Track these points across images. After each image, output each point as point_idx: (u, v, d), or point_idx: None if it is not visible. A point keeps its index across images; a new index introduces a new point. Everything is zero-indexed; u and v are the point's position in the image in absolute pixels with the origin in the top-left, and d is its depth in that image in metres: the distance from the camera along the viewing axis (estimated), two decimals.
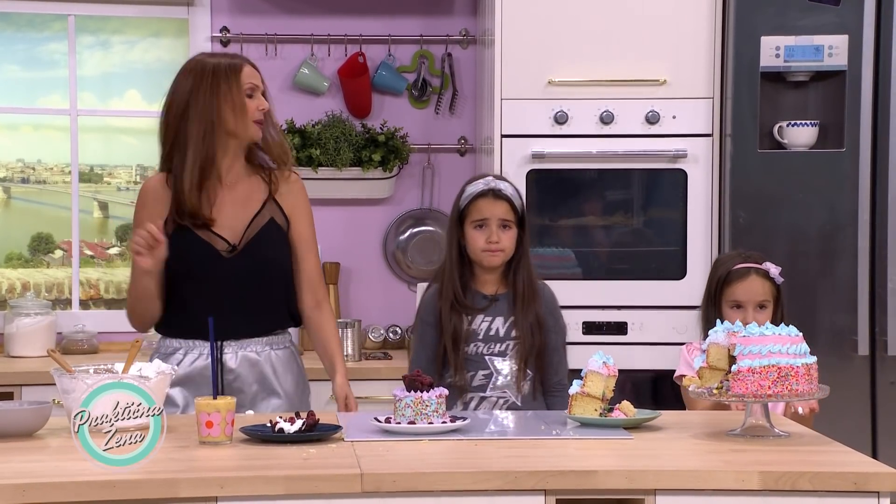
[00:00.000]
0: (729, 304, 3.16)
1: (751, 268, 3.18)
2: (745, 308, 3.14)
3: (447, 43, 4.52)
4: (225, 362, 2.98)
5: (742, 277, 3.17)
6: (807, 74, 3.98)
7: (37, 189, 4.67)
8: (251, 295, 2.98)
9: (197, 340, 2.99)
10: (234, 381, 2.98)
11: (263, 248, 2.99)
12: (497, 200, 3.13)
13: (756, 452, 2.45)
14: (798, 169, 3.96)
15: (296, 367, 3.10)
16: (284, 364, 3.05)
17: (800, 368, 2.54)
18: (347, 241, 4.53)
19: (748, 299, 3.14)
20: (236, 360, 2.99)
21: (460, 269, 3.15)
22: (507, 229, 3.13)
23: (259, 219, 3.01)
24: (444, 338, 3.11)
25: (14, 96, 4.58)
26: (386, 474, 2.24)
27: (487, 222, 3.12)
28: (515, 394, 3.11)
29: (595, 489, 2.27)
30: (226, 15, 4.47)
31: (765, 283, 3.16)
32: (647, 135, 4.01)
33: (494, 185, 3.15)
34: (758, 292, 3.15)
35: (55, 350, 2.82)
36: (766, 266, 3.18)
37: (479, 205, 3.14)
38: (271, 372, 3.02)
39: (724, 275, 3.19)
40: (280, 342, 3.06)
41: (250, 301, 2.98)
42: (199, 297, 2.96)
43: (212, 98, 2.96)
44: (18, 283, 4.58)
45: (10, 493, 2.15)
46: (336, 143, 4.34)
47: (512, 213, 3.13)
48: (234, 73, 2.98)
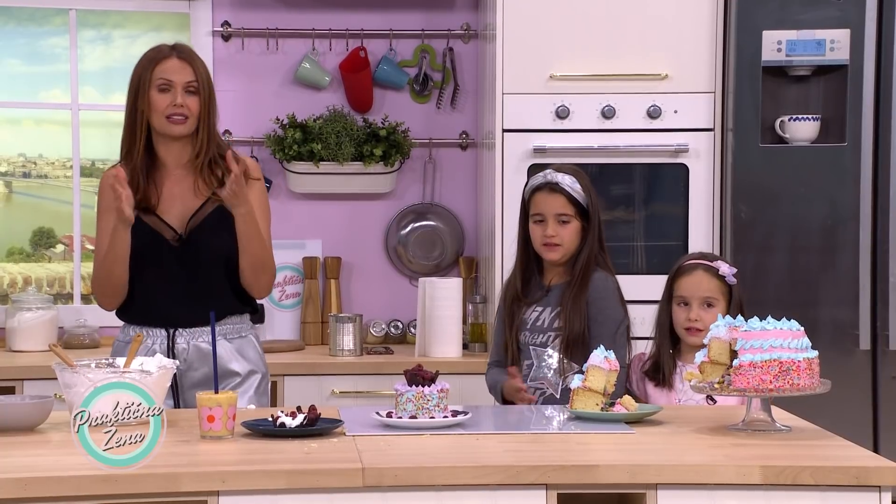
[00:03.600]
0: (676, 301, 3.11)
1: (699, 264, 3.12)
2: (690, 304, 3.08)
3: (448, 37, 4.52)
4: (177, 352, 3.02)
5: (688, 272, 3.11)
6: (809, 69, 3.98)
7: (38, 183, 4.67)
8: (199, 283, 3.01)
9: (153, 328, 3.02)
10: (186, 371, 3.01)
11: (207, 236, 3.02)
12: (553, 194, 3.11)
13: (757, 447, 2.45)
14: (800, 163, 3.96)
15: (251, 349, 3.09)
16: (239, 349, 3.06)
17: (801, 363, 2.54)
18: (349, 235, 4.53)
19: (692, 294, 3.07)
20: (188, 352, 3.02)
21: (525, 261, 3.17)
22: (566, 223, 3.11)
23: (206, 207, 3.03)
24: (506, 327, 3.16)
25: (15, 91, 4.58)
26: (387, 469, 2.24)
27: (544, 216, 3.12)
28: (556, 386, 3.10)
29: (596, 484, 2.27)
30: (227, 9, 4.46)
31: (712, 279, 3.09)
32: (648, 129, 4.00)
33: (552, 178, 3.13)
34: (703, 288, 3.07)
35: (57, 344, 2.83)
36: (716, 264, 3.11)
37: (536, 199, 3.14)
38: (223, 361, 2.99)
39: (675, 270, 3.16)
40: (234, 331, 3.07)
41: (199, 289, 3.01)
42: (151, 285, 3.01)
43: (131, 89, 3.03)
44: (20, 277, 4.59)
45: (11, 487, 2.15)
46: (337, 138, 4.33)
47: (570, 206, 3.11)
48: (150, 65, 3.02)
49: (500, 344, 3.22)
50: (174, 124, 3.00)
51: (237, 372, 3.05)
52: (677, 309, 3.11)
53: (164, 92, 2.99)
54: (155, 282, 3.02)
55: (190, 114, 3.00)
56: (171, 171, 3.06)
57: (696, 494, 2.27)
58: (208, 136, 3.03)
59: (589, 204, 3.12)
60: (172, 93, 2.99)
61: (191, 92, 3.00)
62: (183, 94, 2.99)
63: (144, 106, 3.00)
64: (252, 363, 3.09)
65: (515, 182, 3.93)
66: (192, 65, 3.02)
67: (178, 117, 2.99)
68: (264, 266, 3.05)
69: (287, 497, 2.21)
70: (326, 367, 3.98)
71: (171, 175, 3.06)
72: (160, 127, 3.02)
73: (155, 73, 3.00)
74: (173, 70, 3.00)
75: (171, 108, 2.98)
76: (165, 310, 3.02)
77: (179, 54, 3.03)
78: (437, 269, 4.53)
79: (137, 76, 3.03)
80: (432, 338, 4.06)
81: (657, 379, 3.10)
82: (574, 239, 3.11)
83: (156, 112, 3.00)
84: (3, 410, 2.56)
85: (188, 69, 3.01)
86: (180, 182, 3.05)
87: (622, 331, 3.12)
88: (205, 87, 3.03)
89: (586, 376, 2.71)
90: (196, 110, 3.01)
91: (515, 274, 3.20)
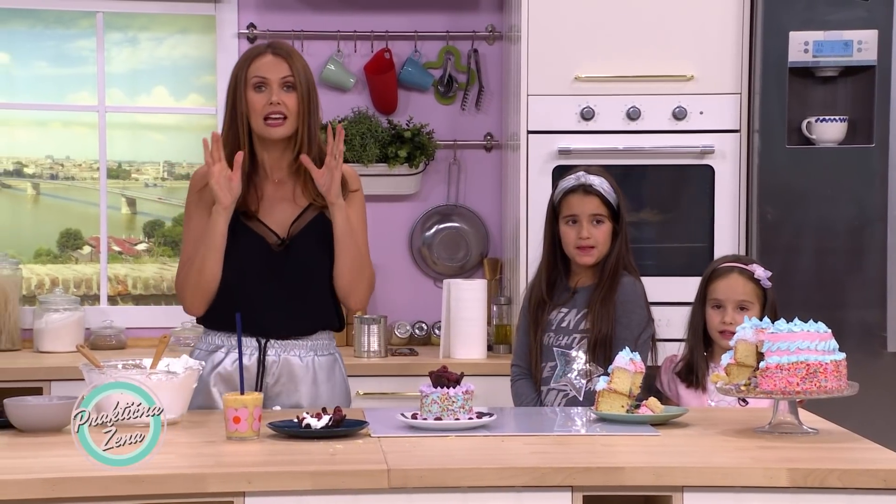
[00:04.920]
0: (710, 304, 3.13)
1: (734, 266, 3.13)
2: (724, 307, 3.08)
3: (473, 39, 4.52)
4: (266, 365, 2.90)
5: (723, 275, 3.12)
6: (836, 70, 3.96)
7: (65, 185, 4.70)
8: (298, 292, 2.89)
9: (246, 337, 2.85)
10: (273, 386, 2.90)
11: (310, 242, 2.90)
12: (587, 196, 3.12)
13: (784, 449, 2.44)
14: (826, 165, 3.94)
15: (337, 374, 3.00)
16: (327, 372, 2.96)
17: (828, 365, 2.52)
18: (373, 237, 4.46)
19: (727, 297, 3.09)
20: (278, 365, 2.90)
21: (553, 263, 3.17)
22: (600, 224, 3.11)
23: (306, 214, 2.92)
24: (530, 329, 3.15)
25: (43, 93, 4.60)
26: (413, 470, 2.24)
27: (578, 218, 3.11)
28: (580, 388, 3.09)
29: (622, 486, 2.27)
30: (252, 11, 4.48)
31: (747, 283, 3.10)
32: (674, 131, 3.99)
33: (585, 179, 3.13)
34: (738, 291, 3.08)
35: (84, 345, 2.84)
36: (751, 267, 3.12)
37: (569, 200, 3.13)
38: (311, 379, 2.92)
39: (709, 273, 3.16)
40: (324, 347, 2.97)
41: (297, 298, 2.89)
42: (247, 291, 2.87)
43: (230, 90, 2.91)
44: (47, 278, 4.61)
45: (39, 487, 2.16)
46: (362, 140, 4.34)
47: (604, 207, 3.11)
48: (245, 63, 2.89)
49: (523, 348, 3.22)
50: (272, 126, 2.85)
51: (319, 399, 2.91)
52: (711, 312, 3.11)
53: (260, 91, 2.86)
54: (252, 288, 2.86)
55: (288, 112, 2.85)
56: (271, 174, 2.92)
57: (723, 497, 2.26)
58: (309, 136, 2.88)
59: (619, 205, 3.13)
60: (268, 91, 2.85)
61: (288, 88, 2.86)
62: (279, 92, 2.85)
63: (243, 107, 2.87)
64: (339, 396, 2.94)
65: (540, 183, 3.93)
66: (287, 60, 2.87)
67: (275, 117, 2.85)
68: (361, 270, 2.91)
69: (312, 498, 2.22)
70: (351, 368, 3.95)
71: (271, 179, 2.92)
72: (259, 129, 2.87)
73: (250, 71, 2.86)
74: (268, 66, 2.86)
75: (267, 108, 2.84)
76: (260, 318, 2.84)
77: (274, 50, 2.89)
78: (462, 270, 4.53)
79: (234, 76, 2.90)
80: (457, 339, 4.06)
81: (689, 380, 3.10)
82: (607, 240, 3.12)
83: (254, 113, 2.86)
84: (31, 411, 2.58)
85: (283, 65, 2.86)
86: (281, 187, 2.92)
87: (646, 336, 3.12)
88: (302, 82, 2.87)
89: (612, 378, 2.70)
90: (294, 108, 2.85)
91: (540, 276, 3.19)
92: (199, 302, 2.90)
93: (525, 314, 3.22)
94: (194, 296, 2.89)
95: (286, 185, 2.94)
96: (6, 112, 4.59)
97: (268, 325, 2.88)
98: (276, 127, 2.87)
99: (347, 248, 2.88)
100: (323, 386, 2.95)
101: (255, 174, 2.92)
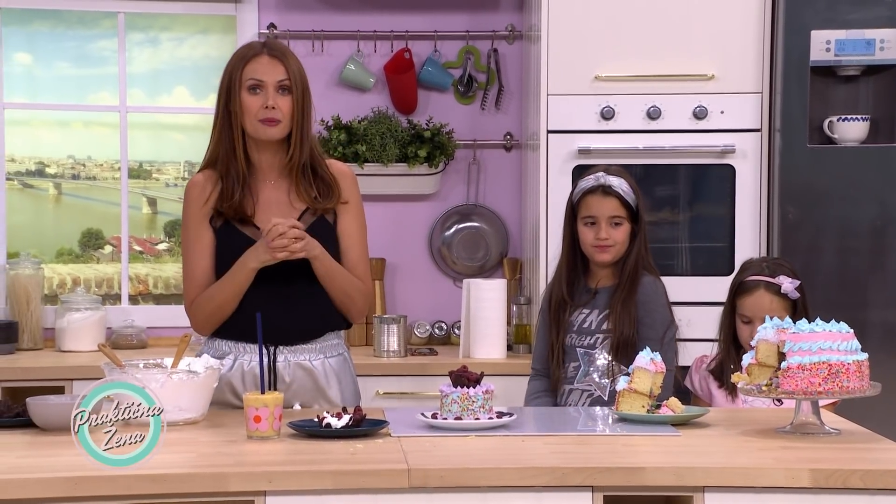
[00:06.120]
0: (740, 318, 3.13)
1: (760, 281, 3.10)
2: (752, 323, 3.05)
3: (493, 38, 4.51)
4: (278, 371, 2.89)
5: (750, 291, 3.11)
6: (858, 69, 3.94)
7: (87, 185, 4.72)
8: (301, 294, 2.87)
9: (247, 344, 2.88)
10: (286, 391, 2.85)
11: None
12: (606, 197, 3.11)
13: (806, 450, 2.43)
14: (848, 164, 3.92)
15: (348, 375, 3.00)
16: (338, 373, 2.95)
17: (851, 365, 2.51)
18: (393, 237, 4.54)
19: (754, 315, 3.07)
20: (290, 371, 2.89)
21: (572, 263, 3.17)
22: (619, 225, 3.11)
23: (305, 217, 2.88)
24: (551, 330, 3.14)
25: (65, 93, 4.62)
26: (433, 469, 2.24)
27: (597, 219, 3.11)
28: (604, 388, 3.09)
29: (643, 486, 2.26)
30: (273, 11, 4.49)
31: (774, 298, 3.08)
32: (694, 130, 3.98)
33: (604, 180, 3.13)
34: (765, 309, 3.05)
35: (105, 345, 2.84)
36: (778, 280, 3.09)
37: (588, 201, 3.13)
38: (325, 382, 2.92)
39: (737, 285, 3.14)
40: (333, 349, 2.96)
41: (300, 301, 2.87)
42: (250, 299, 2.84)
43: (222, 90, 2.87)
44: (69, 278, 4.64)
45: (61, 486, 2.17)
46: (382, 139, 4.34)
47: (623, 208, 3.11)
48: (240, 64, 2.85)
49: (542, 350, 3.21)
50: (267, 127, 2.82)
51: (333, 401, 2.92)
52: (741, 325, 3.10)
53: (255, 93, 2.82)
54: (255, 296, 2.83)
55: (283, 116, 2.82)
56: (266, 177, 2.89)
57: (744, 497, 2.26)
58: (301, 138, 2.85)
59: (638, 206, 3.12)
60: (263, 94, 2.82)
61: (283, 91, 2.83)
62: (275, 95, 2.82)
63: (237, 108, 2.83)
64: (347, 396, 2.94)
65: (560, 183, 3.92)
66: (283, 62, 2.84)
67: (270, 120, 2.83)
68: (352, 297, 2.89)
69: (333, 497, 2.22)
70: (371, 368, 3.99)
71: (266, 182, 2.89)
72: (253, 131, 2.83)
73: (245, 73, 2.82)
74: (264, 69, 2.82)
75: (262, 112, 2.81)
76: (267, 324, 2.71)
77: (270, 51, 2.85)
78: (482, 270, 4.53)
79: (228, 76, 2.85)
80: (476, 339, 4.06)
81: (721, 380, 3.10)
82: (625, 241, 3.11)
83: (248, 115, 2.82)
84: (52, 410, 2.59)
85: (280, 67, 2.83)
86: (276, 190, 2.89)
87: (670, 335, 3.11)
88: (298, 85, 2.83)
89: (632, 378, 2.70)
90: (289, 111, 2.82)
91: (560, 277, 3.19)
92: (210, 327, 2.92)
93: (545, 315, 3.21)
94: (208, 322, 2.91)
95: (281, 187, 2.91)
96: (28, 112, 4.62)
97: (275, 332, 2.84)
98: (271, 128, 2.84)
99: (332, 288, 2.88)
100: (334, 388, 2.94)
101: (251, 176, 2.89)
